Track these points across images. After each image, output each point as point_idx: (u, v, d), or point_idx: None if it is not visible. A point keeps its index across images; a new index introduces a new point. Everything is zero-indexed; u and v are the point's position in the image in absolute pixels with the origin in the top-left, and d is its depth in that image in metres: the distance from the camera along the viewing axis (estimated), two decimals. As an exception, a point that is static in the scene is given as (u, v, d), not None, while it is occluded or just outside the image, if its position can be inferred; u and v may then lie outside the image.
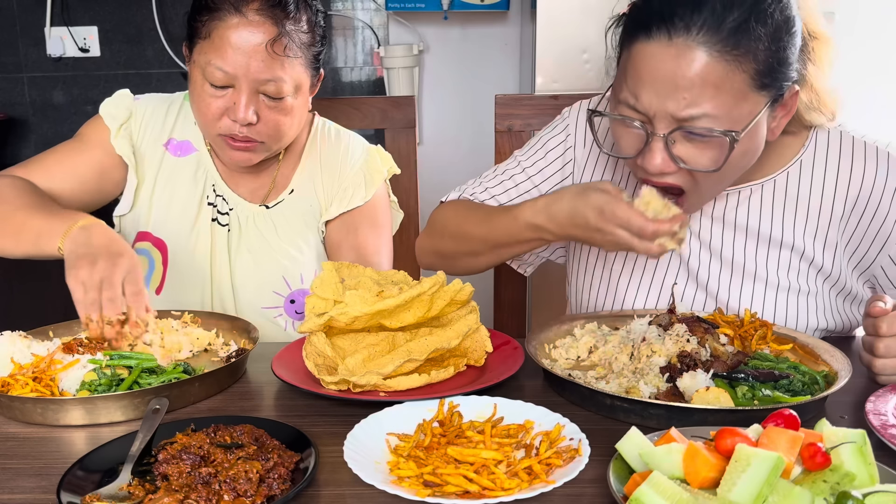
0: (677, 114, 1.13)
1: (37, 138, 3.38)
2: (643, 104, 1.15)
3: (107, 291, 1.18)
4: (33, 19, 3.27)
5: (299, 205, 1.61)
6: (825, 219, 1.33)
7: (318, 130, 1.66)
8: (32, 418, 1.07)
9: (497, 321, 1.91)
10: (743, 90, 1.13)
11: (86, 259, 1.20)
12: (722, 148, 1.15)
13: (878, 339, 1.13)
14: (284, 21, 1.40)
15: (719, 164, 1.16)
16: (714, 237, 1.37)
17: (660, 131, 1.16)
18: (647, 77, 1.14)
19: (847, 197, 1.32)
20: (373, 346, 1.18)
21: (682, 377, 1.08)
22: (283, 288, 1.57)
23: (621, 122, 1.20)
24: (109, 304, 1.18)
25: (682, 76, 1.11)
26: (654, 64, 1.13)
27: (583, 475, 0.88)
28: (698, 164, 1.17)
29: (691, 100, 1.12)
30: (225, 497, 0.84)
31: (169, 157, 1.59)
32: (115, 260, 1.20)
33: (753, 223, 1.35)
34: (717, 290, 1.36)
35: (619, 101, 1.20)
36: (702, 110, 1.12)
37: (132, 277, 1.21)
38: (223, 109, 1.42)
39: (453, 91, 3.44)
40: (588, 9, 2.52)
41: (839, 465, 0.78)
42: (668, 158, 1.17)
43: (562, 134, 1.49)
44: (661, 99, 1.13)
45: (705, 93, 1.11)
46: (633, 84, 1.16)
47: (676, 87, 1.12)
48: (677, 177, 1.19)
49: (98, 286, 1.18)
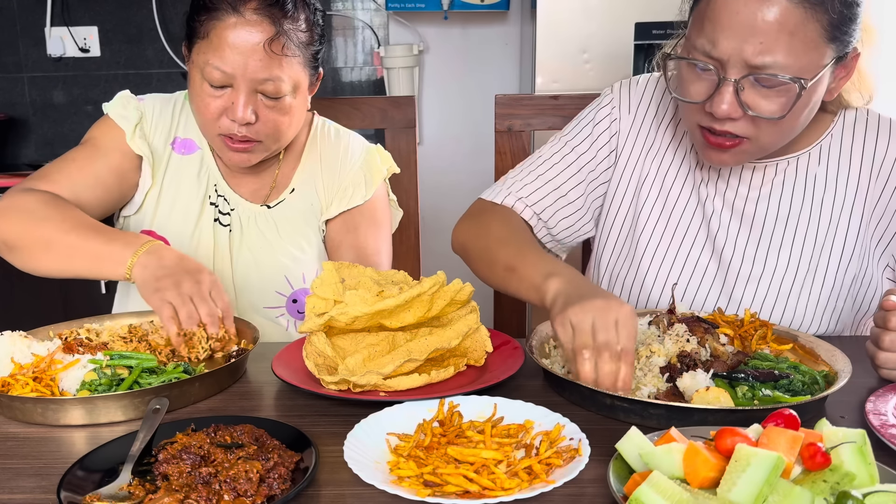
0: (752, 59, 1.17)
1: (37, 138, 3.38)
2: (720, 49, 1.19)
3: (203, 307, 1.24)
4: (33, 19, 3.27)
5: (300, 204, 1.61)
6: (851, 193, 1.38)
7: (317, 130, 1.66)
8: (32, 418, 1.07)
9: (497, 321, 1.91)
10: (815, 40, 1.17)
11: (168, 280, 1.25)
12: (789, 96, 1.19)
13: (886, 332, 1.13)
14: (282, 20, 1.40)
15: (785, 111, 1.20)
16: (748, 205, 1.41)
17: (731, 76, 1.20)
18: (726, 21, 1.18)
19: (871, 171, 1.37)
20: (373, 346, 1.18)
21: (682, 377, 1.08)
22: (285, 287, 1.57)
23: (693, 67, 1.24)
24: (209, 319, 1.24)
25: (762, 20, 1.15)
26: (736, 8, 1.17)
27: (583, 475, 0.88)
28: (765, 111, 1.21)
29: (767, 45, 1.16)
30: (225, 497, 0.84)
31: (175, 156, 1.59)
32: (197, 277, 1.26)
33: (787, 194, 1.40)
34: (741, 263, 1.40)
35: (692, 47, 1.23)
36: (775, 57, 1.16)
37: (218, 292, 1.27)
38: (222, 109, 1.42)
39: (453, 91, 3.45)
40: (588, 9, 2.53)
41: (839, 465, 0.78)
42: (735, 103, 1.21)
43: (607, 107, 1.52)
44: (738, 42, 1.17)
45: (781, 39, 1.16)
46: (710, 29, 1.20)
47: (755, 31, 1.16)
48: (740, 124, 1.23)
49: (189, 301, 1.23)
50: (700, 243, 1.44)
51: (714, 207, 1.43)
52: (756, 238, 1.40)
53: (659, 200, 1.47)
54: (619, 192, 1.50)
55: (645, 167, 1.49)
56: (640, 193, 1.48)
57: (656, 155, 1.49)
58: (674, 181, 1.47)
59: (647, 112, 1.50)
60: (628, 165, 1.50)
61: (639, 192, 1.48)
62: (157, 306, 1.25)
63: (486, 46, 3.40)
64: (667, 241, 1.45)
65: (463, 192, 2.96)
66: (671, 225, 1.45)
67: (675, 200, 1.46)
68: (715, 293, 1.42)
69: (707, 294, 1.43)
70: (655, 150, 1.49)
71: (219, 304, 1.26)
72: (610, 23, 2.53)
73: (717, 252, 1.42)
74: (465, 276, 1.28)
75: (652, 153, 1.49)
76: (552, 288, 1.18)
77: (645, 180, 1.48)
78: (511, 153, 1.86)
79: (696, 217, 1.45)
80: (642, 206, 1.48)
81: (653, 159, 1.48)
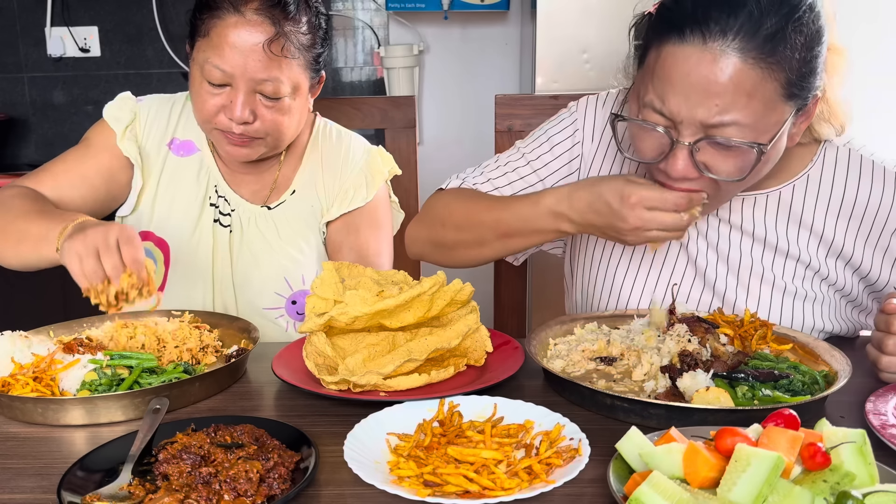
0: (707, 120, 1.10)
1: (37, 138, 3.38)
2: (670, 109, 1.12)
3: (107, 259, 1.16)
4: (33, 19, 3.27)
5: (301, 205, 1.61)
6: (829, 234, 1.32)
7: (319, 131, 1.66)
8: (33, 418, 1.07)
9: (497, 321, 1.91)
10: (773, 99, 1.11)
11: (78, 234, 1.20)
12: (747, 157, 1.13)
13: (889, 335, 1.12)
14: (283, 22, 1.40)
15: (745, 173, 1.14)
16: (721, 239, 1.36)
17: (685, 139, 1.13)
18: (677, 81, 1.11)
19: (853, 214, 1.31)
20: (373, 346, 1.18)
21: (682, 377, 1.08)
22: (284, 289, 1.57)
23: (644, 127, 1.18)
24: (113, 273, 1.16)
25: (715, 82, 1.08)
26: (687, 68, 1.10)
27: (583, 475, 0.88)
28: (722, 173, 1.15)
29: (723, 107, 1.09)
30: (225, 497, 0.84)
31: (172, 157, 1.59)
32: (106, 227, 1.19)
33: (760, 230, 1.34)
34: (725, 291, 1.36)
35: (643, 104, 1.17)
36: (732, 118, 1.10)
37: (126, 239, 1.19)
38: (220, 107, 1.43)
39: (453, 91, 3.44)
40: (588, 9, 2.52)
41: (839, 465, 0.78)
42: (691, 165, 1.14)
43: (569, 128, 1.46)
44: (692, 105, 1.10)
45: (738, 100, 1.09)
46: (660, 87, 1.13)
47: (708, 93, 1.09)
48: (699, 182, 1.17)
49: (94, 254, 1.17)
50: (682, 267, 1.38)
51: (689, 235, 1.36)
52: (735, 270, 1.35)
53: None
54: None
55: None
56: None
57: None
58: None
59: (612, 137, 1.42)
60: None
61: None
62: (66, 261, 1.20)
63: (486, 46, 3.40)
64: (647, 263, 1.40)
65: (463, 192, 2.97)
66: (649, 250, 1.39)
67: None
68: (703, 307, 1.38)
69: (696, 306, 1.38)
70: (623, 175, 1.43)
71: (125, 255, 1.18)
72: (610, 23, 2.53)
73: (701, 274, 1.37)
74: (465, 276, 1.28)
75: None
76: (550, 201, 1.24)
77: None
78: (511, 153, 1.86)
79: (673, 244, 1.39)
80: None
81: None
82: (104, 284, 1.17)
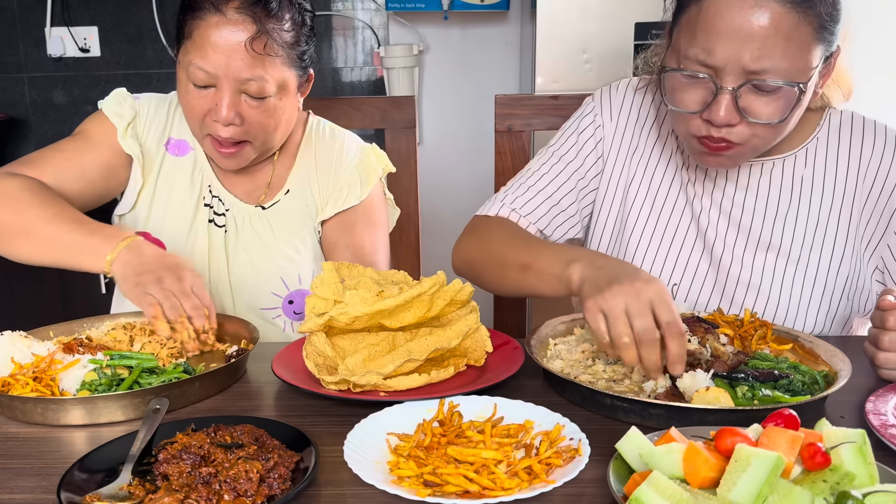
0: (749, 66, 1.17)
1: (37, 138, 3.38)
2: (716, 57, 1.18)
3: (186, 301, 1.24)
4: (33, 19, 3.27)
5: (295, 205, 1.60)
6: (839, 196, 1.39)
7: (312, 130, 1.66)
8: (33, 418, 1.07)
9: (497, 321, 1.92)
10: (808, 42, 1.18)
11: (150, 275, 1.25)
12: (787, 99, 1.20)
13: (885, 332, 1.13)
14: (265, 19, 1.39)
15: (784, 115, 1.21)
16: (735, 205, 1.41)
17: (728, 84, 1.20)
18: (722, 29, 1.17)
19: (858, 174, 1.38)
20: (373, 346, 1.18)
21: (682, 377, 1.08)
22: (280, 289, 1.57)
23: (689, 78, 1.23)
24: (194, 312, 1.24)
25: (758, 26, 1.16)
26: (731, 15, 1.17)
27: (583, 475, 0.88)
28: (763, 117, 1.21)
29: (764, 51, 1.16)
30: (225, 497, 0.84)
31: (168, 157, 1.59)
32: (179, 273, 1.26)
33: (774, 195, 1.40)
34: (731, 262, 1.41)
35: (683, 57, 1.23)
36: (772, 62, 1.17)
37: (200, 289, 1.27)
38: (206, 110, 1.42)
39: (453, 91, 3.45)
40: (588, 9, 2.53)
41: (839, 465, 0.78)
42: (734, 110, 1.21)
43: (590, 116, 1.54)
44: (735, 49, 1.17)
45: (777, 43, 1.16)
46: (703, 37, 1.19)
47: (751, 37, 1.16)
48: (737, 129, 1.23)
49: (172, 297, 1.23)
50: (690, 242, 1.44)
51: (702, 206, 1.43)
52: (745, 238, 1.41)
53: (647, 201, 1.47)
54: (608, 195, 1.51)
55: (631, 170, 1.49)
56: (629, 196, 1.49)
57: (642, 157, 1.50)
58: (661, 182, 1.47)
59: (629, 116, 1.51)
60: (615, 169, 1.51)
61: (627, 194, 1.49)
62: (139, 301, 1.24)
63: (486, 46, 3.40)
64: (657, 241, 1.46)
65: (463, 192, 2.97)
66: (661, 225, 1.46)
67: (663, 200, 1.47)
68: (707, 290, 1.43)
69: (700, 290, 1.43)
70: (640, 152, 1.50)
71: (202, 300, 1.26)
72: (610, 23, 2.53)
73: (709, 249, 1.43)
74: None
75: (637, 156, 1.50)
76: (576, 274, 1.15)
77: (632, 183, 1.49)
78: (511, 153, 1.86)
79: (685, 216, 1.45)
80: (630, 208, 1.48)
81: (639, 161, 1.49)
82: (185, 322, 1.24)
